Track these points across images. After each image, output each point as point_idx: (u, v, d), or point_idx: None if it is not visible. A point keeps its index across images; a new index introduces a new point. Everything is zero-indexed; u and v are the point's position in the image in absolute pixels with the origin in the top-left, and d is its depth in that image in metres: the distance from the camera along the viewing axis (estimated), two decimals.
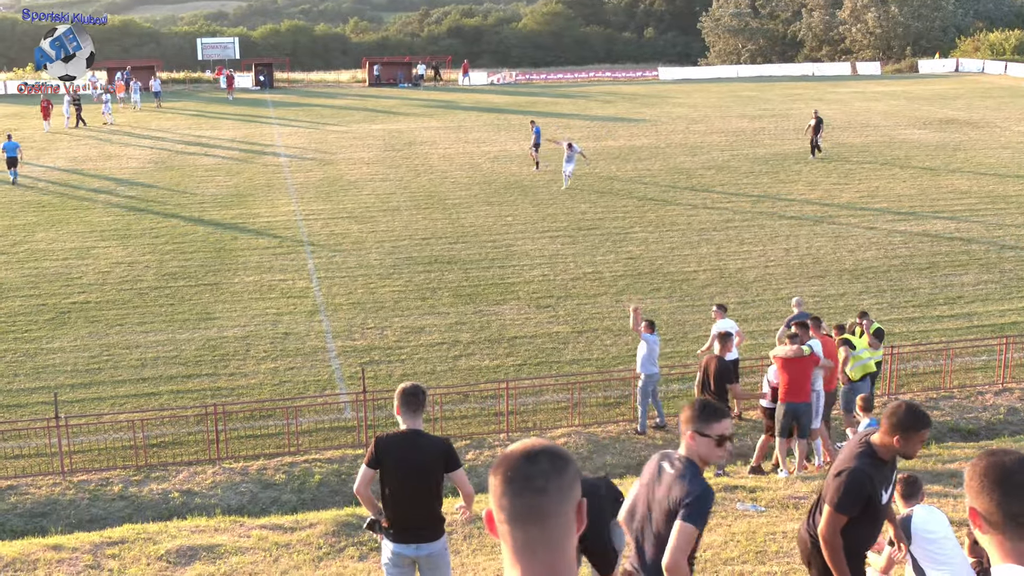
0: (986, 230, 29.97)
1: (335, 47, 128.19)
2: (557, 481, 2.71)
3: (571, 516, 2.73)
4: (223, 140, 48.46)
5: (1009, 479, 3.18)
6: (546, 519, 2.69)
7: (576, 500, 2.75)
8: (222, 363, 20.54)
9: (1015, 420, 17.97)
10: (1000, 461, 3.21)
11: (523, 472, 2.71)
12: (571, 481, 2.74)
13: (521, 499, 2.69)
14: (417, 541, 7.85)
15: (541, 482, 2.70)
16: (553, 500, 2.70)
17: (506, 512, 2.71)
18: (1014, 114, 55.48)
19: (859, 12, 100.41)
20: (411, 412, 7.76)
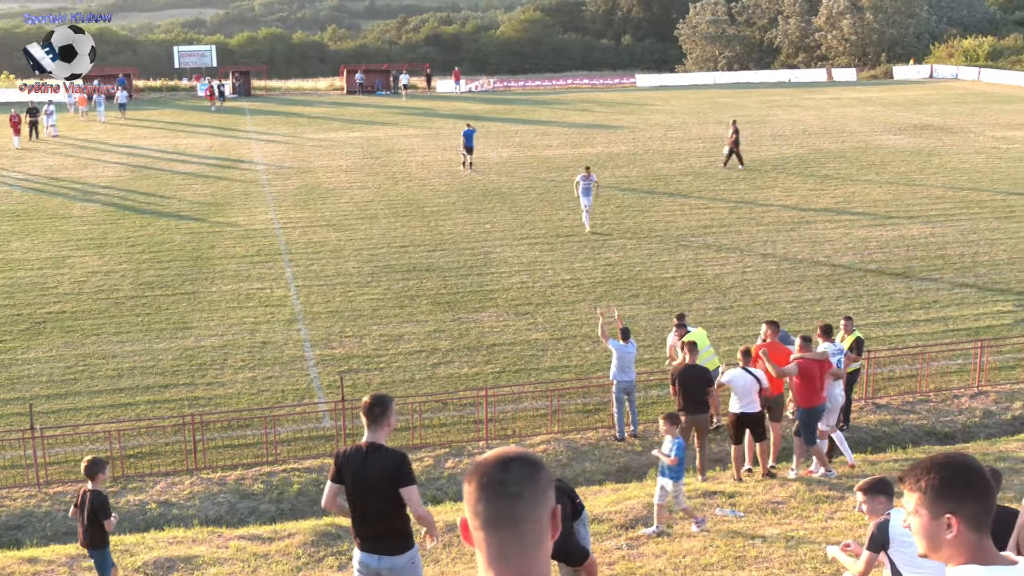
0: (960, 235, 30.17)
1: (313, 55, 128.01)
2: (531, 487, 2.74)
3: (545, 522, 2.76)
4: (200, 148, 48.29)
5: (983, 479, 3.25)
6: (520, 524, 2.72)
7: (550, 506, 2.78)
8: (199, 373, 20.46)
9: (990, 423, 18.09)
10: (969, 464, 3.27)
11: (497, 478, 2.74)
12: (544, 487, 2.78)
13: (495, 504, 2.72)
14: (379, 553, 7.79)
15: (515, 488, 2.73)
16: (527, 505, 2.73)
17: (481, 518, 2.74)
18: (988, 120, 55.91)
19: (834, 19, 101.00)
20: (371, 425, 7.67)
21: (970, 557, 3.19)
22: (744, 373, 14.82)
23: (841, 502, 13.18)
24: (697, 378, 15.01)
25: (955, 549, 3.22)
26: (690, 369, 15.13)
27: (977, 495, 3.21)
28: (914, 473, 3.30)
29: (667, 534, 12.52)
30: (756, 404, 14.86)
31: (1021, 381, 19.54)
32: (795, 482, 14.29)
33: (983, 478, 3.24)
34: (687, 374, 15.03)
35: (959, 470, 3.24)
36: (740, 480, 14.86)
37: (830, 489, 13.85)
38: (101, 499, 11.05)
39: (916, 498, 3.26)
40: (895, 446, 17.03)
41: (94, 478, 11.13)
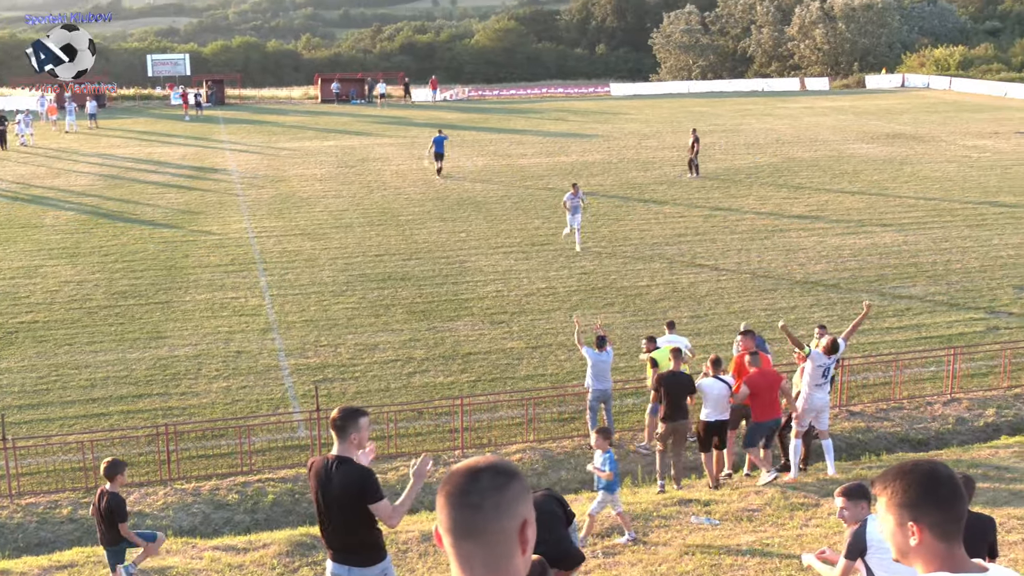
0: (933, 243, 30.40)
1: (287, 63, 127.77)
2: (494, 498, 2.73)
3: (511, 534, 2.74)
4: (173, 157, 48.10)
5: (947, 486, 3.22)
6: (481, 535, 2.72)
7: (519, 519, 2.75)
8: (173, 382, 20.34)
9: (963, 430, 18.21)
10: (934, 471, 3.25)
11: (462, 488, 2.74)
12: (512, 499, 2.75)
13: (457, 513, 2.73)
14: (350, 564, 7.74)
15: (476, 498, 2.72)
16: (488, 517, 2.71)
17: (445, 526, 2.75)
18: (959, 128, 56.39)
19: (807, 29, 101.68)
20: (338, 438, 7.59)
21: (939, 565, 3.18)
22: (716, 381, 14.90)
23: (816, 509, 13.23)
24: (681, 385, 15.04)
25: (922, 556, 3.22)
26: (675, 376, 15.15)
27: (940, 503, 3.19)
28: (883, 479, 3.31)
29: (642, 542, 12.53)
30: (727, 413, 14.96)
31: (993, 388, 19.68)
32: (770, 490, 14.33)
33: (949, 486, 3.21)
34: (672, 381, 15.06)
35: (923, 478, 3.22)
36: (717, 486, 14.92)
37: (805, 496, 13.90)
38: (117, 501, 11.15)
39: (883, 504, 3.28)
40: (869, 453, 17.12)
41: (113, 479, 11.23)
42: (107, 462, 11.40)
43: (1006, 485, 13.94)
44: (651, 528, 13.06)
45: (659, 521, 13.05)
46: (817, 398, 15.28)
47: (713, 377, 14.94)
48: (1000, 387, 19.67)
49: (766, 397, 14.84)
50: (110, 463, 11.33)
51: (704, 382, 15.00)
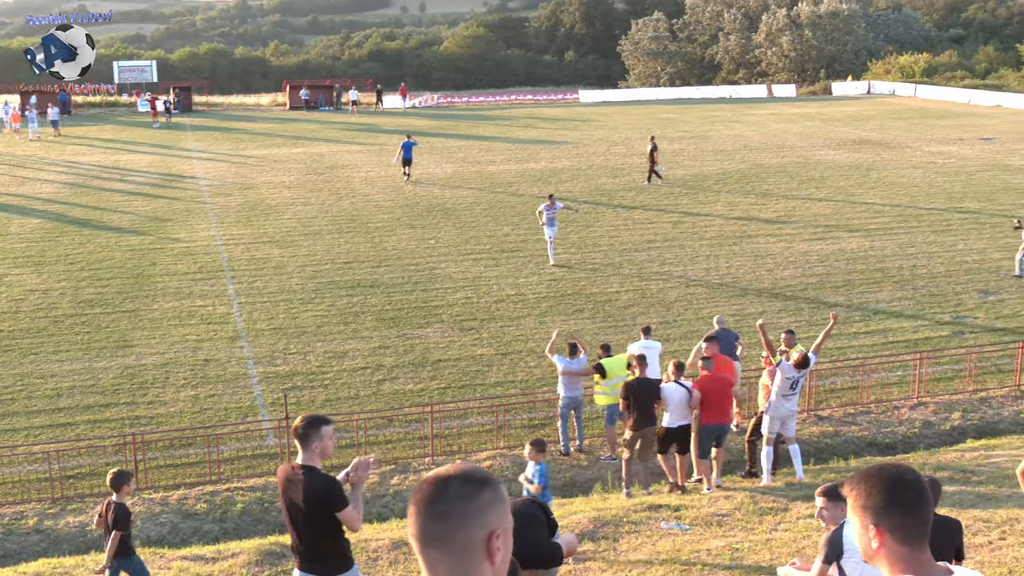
0: (899, 248, 30.65)
1: (255, 70, 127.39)
2: (460, 508, 2.72)
3: (478, 544, 2.72)
4: (140, 164, 47.79)
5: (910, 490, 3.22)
6: (445, 544, 2.71)
7: (487, 528, 2.73)
8: (140, 391, 20.19)
9: (930, 433, 18.36)
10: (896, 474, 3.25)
11: (429, 496, 2.74)
12: (480, 509, 2.74)
13: (424, 521, 2.73)
14: (316, 573, 7.70)
15: (441, 507, 2.72)
16: (452, 526, 2.71)
17: (413, 533, 2.76)
18: (924, 135, 56.92)
19: (774, 36, 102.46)
20: (301, 446, 7.55)
21: (903, 568, 3.18)
22: (678, 387, 14.98)
23: (785, 514, 13.29)
24: (648, 392, 15.07)
25: (886, 560, 3.22)
26: (642, 383, 15.19)
27: (902, 508, 3.19)
28: (851, 482, 3.32)
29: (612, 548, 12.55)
30: (688, 418, 15.01)
31: (959, 392, 19.85)
32: (739, 495, 14.39)
33: (913, 490, 3.21)
34: (639, 388, 15.10)
35: (887, 481, 3.23)
36: (682, 489, 15.01)
37: (774, 501, 13.96)
38: (122, 512, 11.13)
39: (850, 506, 3.29)
40: (837, 457, 17.22)
41: (119, 490, 11.23)
42: (113, 473, 11.42)
43: (972, 488, 14.05)
44: (621, 534, 13.06)
45: (629, 527, 13.07)
46: (784, 408, 15.37)
47: (675, 382, 15.00)
48: (966, 391, 19.84)
49: (715, 401, 14.95)
50: (116, 474, 11.37)
51: (666, 387, 15.04)
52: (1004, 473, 14.70)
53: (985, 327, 23.56)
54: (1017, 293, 26.07)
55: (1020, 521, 11.47)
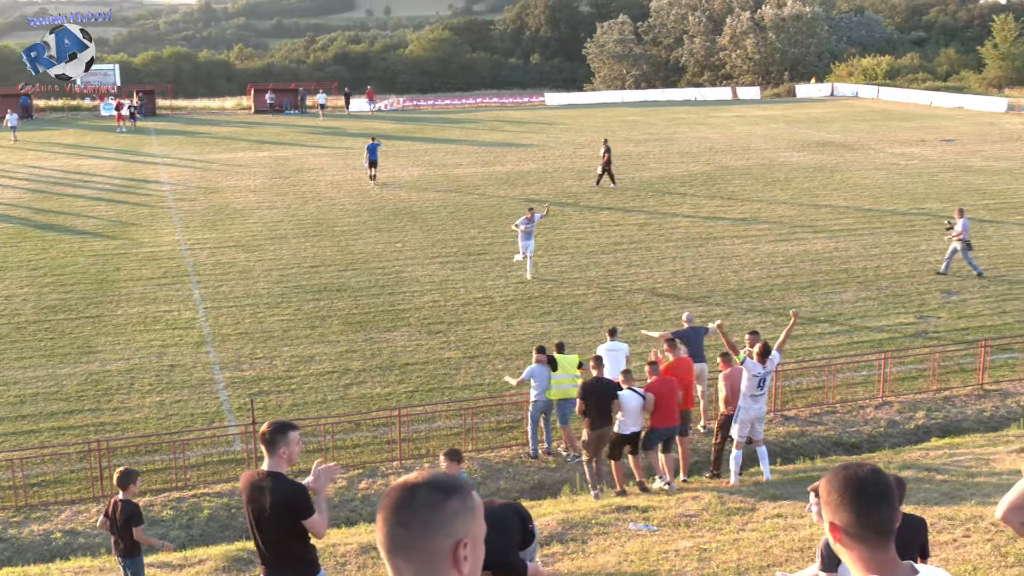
0: (863, 249, 30.90)
1: (219, 74, 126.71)
2: (424, 516, 2.70)
3: (443, 553, 2.71)
4: (103, 169, 47.42)
5: (866, 490, 3.18)
6: (410, 552, 2.70)
7: (453, 538, 2.72)
8: (105, 398, 20.02)
9: (895, 432, 18.51)
10: (855, 473, 3.22)
11: (394, 503, 2.73)
12: (446, 518, 2.72)
13: (388, 529, 2.72)
14: None
15: (406, 515, 2.70)
16: (416, 535, 2.70)
17: (379, 540, 2.75)
18: (887, 136, 57.43)
19: (738, 38, 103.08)
20: (268, 452, 7.51)
21: (867, 567, 3.18)
22: (632, 394, 15.14)
23: (752, 514, 13.36)
24: (604, 393, 15.18)
25: (849, 559, 3.22)
26: (598, 383, 15.30)
27: (856, 506, 3.18)
28: (822, 481, 3.34)
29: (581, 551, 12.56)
30: (640, 424, 15.22)
31: (923, 391, 20.03)
32: (707, 495, 14.45)
33: (870, 489, 3.19)
34: (595, 388, 15.20)
35: (843, 480, 3.22)
36: (623, 493, 15.14)
37: (741, 501, 14.04)
38: (132, 507, 11.21)
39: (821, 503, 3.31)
40: (804, 457, 17.33)
41: (126, 488, 11.28)
42: (120, 472, 11.48)
43: (936, 486, 14.19)
44: (590, 536, 13.09)
45: (598, 528, 13.10)
46: (754, 409, 15.48)
47: (628, 389, 15.18)
48: (929, 390, 20.02)
49: (664, 403, 15.14)
50: (123, 472, 11.43)
51: (622, 395, 15.19)
52: (967, 471, 14.85)
53: (948, 327, 23.79)
54: (979, 293, 26.36)
55: (984, 518, 11.59)
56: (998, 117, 68.57)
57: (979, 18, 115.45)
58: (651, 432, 15.36)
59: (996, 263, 29.14)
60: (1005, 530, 10.95)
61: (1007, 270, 28.46)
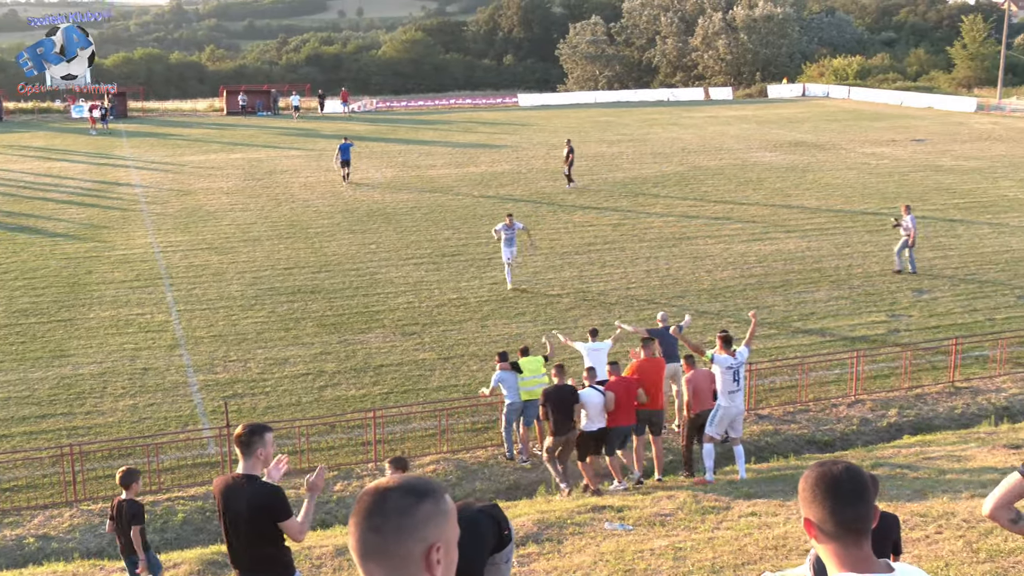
0: (835, 248, 31.10)
1: (191, 75, 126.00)
2: (396, 521, 2.70)
3: (415, 558, 2.70)
4: (75, 171, 47.12)
5: (839, 487, 3.19)
6: (381, 557, 2.70)
7: (426, 542, 2.72)
8: (78, 402, 19.90)
9: (867, 430, 18.64)
10: (829, 471, 3.23)
11: (368, 508, 2.72)
12: (418, 522, 2.72)
13: (360, 534, 2.72)
14: None
15: (378, 520, 2.70)
16: (388, 540, 2.69)
17: (351, 545, 2.74)
18: (858, 136, 57.82)
19: (710, 39, 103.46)
20: (244, 455, 7.51)
21: (842, 564, 3.19)
22: (594, 392, 15.36)
23: (727, 512, 13.43)
24: (565, 399, 15.36)
25: (826, 555, 3.23)
26: (559, 390, 15.47)
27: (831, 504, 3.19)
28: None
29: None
30: (603, 421, 15.40)
31: (895, 389, 20.18)
32: (682, 494, 14.52)
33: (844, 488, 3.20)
34: (556, 395, 15.38)
35: (817, 477, 3.24)
36: (598, 492, 15.25)
37: (716, 500, 14.11)
38: (136, 507, 11.32)
39: None
40: (778, 455, 17.43)
41: (128, 487, 11.40)
42: (122, 471, 11.55)
43: (908, 483, 14.30)
44: (565, 536, 13.11)
45: (573, 528, 13.12)
46: (732, 407, 15.58)
47: (590, 387, 15.40)
48: (901, 388, 20.18)
49: (621, 403, 15.41)
50: (125, 472, 11.52)
51: (583, 393, 15.37)
52: (939, 468, 14.99)
53: (920, 325, 23.98)
54: (950, 291, 26.58)
55: (956, 515, 11.69)
56: (967, 117, 69.17)
57: (948, 19, 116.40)
58: (609, 432, 15.58)
59: (966, 262, 29.40)
60: (977, 526, 11.06)
61: (977, 268, 28.71)
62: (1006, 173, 44.76)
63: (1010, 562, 9.80)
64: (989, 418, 18.71)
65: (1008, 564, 9.75)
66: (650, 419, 16.08)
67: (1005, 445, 15.83)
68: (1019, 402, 19.67)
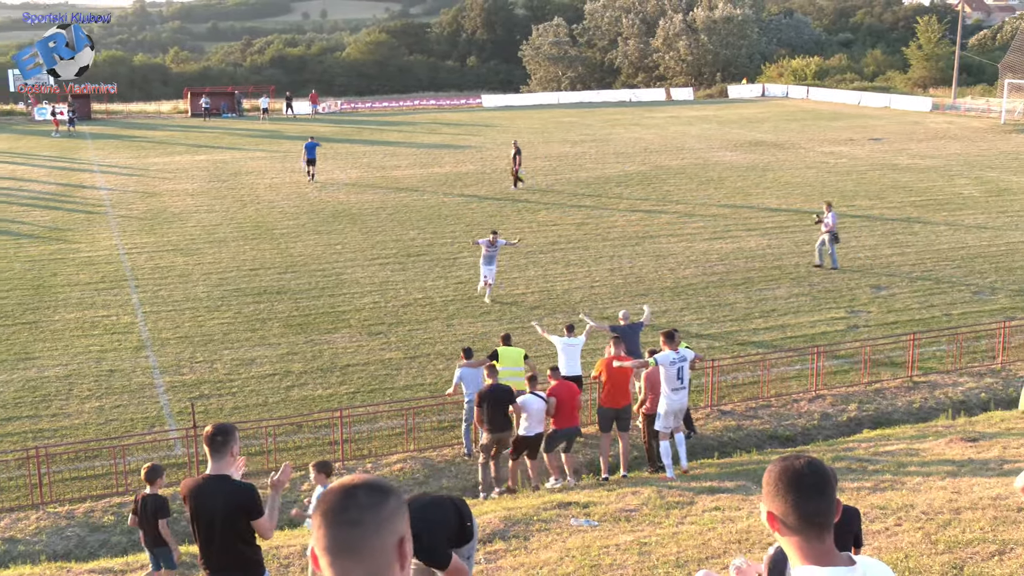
0: (795, 246, 31.47)
1: (155, 77, 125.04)
2: (373, 514, 2.75)
3: (389, 551, 2.77)
4: (38, 174, 46.75)
5: (801, 481, 3.23)
6: (361, 552, 2.72)
7: (397, 535, 2.79)
8: (43, 404, 19.85)
9: (828, 425, 18.93)
10: (792, 465, 3.26)
11: (339, 505, 2.75)
12: (389, 515, 2.78)
13: (336, 532, 2.73)
14: None
15: (355, 514, 2.73)
16: (368, 533, 2.73)
17: (323, 545, 2.74)
18: (816, 136, 58.39)
19: (671, 40, 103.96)
20: (214, 455, 7.57)
21: (804, 557, 3.25)
22: (534, 398, 15.64)
23: (691, 507, 13.62)
24: (499, 399, 15.69)
25: (788, 548, 3.30)
26: (494, 390, 15.80)
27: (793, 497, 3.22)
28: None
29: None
30: (542, 426, 15.74)
31: (855, 384, 20.50)
32: (646, 490, 14.71)
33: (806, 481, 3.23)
34: (491, 395, 15.70)
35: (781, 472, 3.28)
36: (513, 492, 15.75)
37: (680, 495, 14.31)
38: (160, 500, 11.59)
39: None
40: (740, 450, 17.67)
41: (153, 483, 11.64)
42: (147, 467, 11.84)
43: (868, 476, 14.55)
44: (532, 532, 13.26)
45: (540, 525, 13.27)
46: (675, 401, 15.82)
47: (531, 393, 15.68)
48: (861, 383, 20.50)
49: (566, 407, 15.76)
50: (151, 468, 11.80)
51: (525, 399, 15.64)
52: (898, 462, 15.27)
53: (878, 321, 24.35)
54: (907, 288, 27.00)
55: (915, 507, 11.94)
56: (923, 116, 70.02)
57: (904, 20, 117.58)
58: (554, 433, 15.94)
59: (923, 258, 29.86)
60: (935, 518, 11.31)
61: (933, 265, 29.17)
62: (961, 171, 45.42)
63: (968, 552, 10.03)
64: (946, 411, 19.04)
65: (966, 555, 9.97)
66: (617, 416, 16.34)
67: (962, 438, 16.13)
68: (975, 396, 20.04)
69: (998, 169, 46.21)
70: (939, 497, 12.18)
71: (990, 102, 73.69)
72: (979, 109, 72.45)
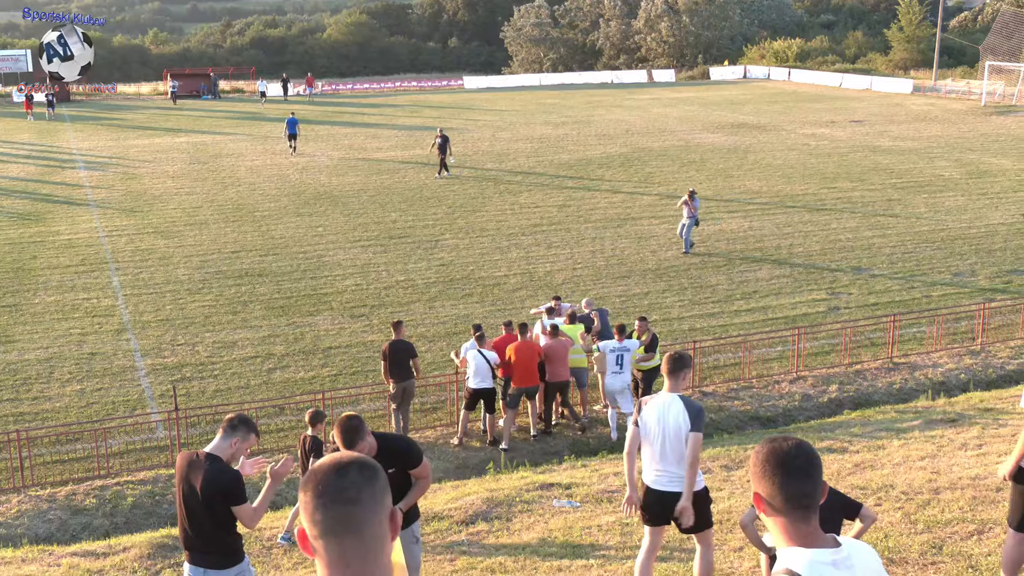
0: (776, 228, 31.56)
1: (135, 59, 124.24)
2: (369, 490, 2.74)
3: (384, 525, 2.77)
4: (18, 157, 46.43)
5: (788, 463, 3.25)
6: (360, 529, 2.71)
7: (388, 508, 2.79)
8: (24, 387, 19.77)
9: (809, 406, 19.03)
10: (779, 447, 3.30)
11: (334, 484, 2.72)
12: (381, 490, 2.77)
13: (334, 511, 2.70)
14: (205, 566, 7.69)
15: (353, 492, 2.71)
16: (366, 509, 2.72)
17: (319, 526, 2.71)
18: (798, 118, 58.50)
19: (653, 22, 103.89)
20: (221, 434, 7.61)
21: (789, 538, 3.27)
22: (477, 355, 17.07)
23: None
24: (399, 351, 17.19)
25: (774, 529, 3.32)
26: (396, 344, 17.28)
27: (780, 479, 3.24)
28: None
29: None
30: (490, 382, 17.19)
31: (836, 366, 20.60)
32: None
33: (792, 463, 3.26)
34: (392, 348, 17.21)
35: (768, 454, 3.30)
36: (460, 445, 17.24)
37: None
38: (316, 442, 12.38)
39: None
40: (721, 432, 17.76)
41: (315, 426, 12.59)
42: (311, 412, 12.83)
43: (849, 457, 14.65)
44: (514, 514, 13.30)
45: (522, 506, 13.31)
46: (610, 383, 17.48)
47: (477, 351, 17.10)
48: (842, 364, 20.60)
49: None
50: (314, 412, 12.78)
51: (470, 355, 17.18)
52: (878, 442, 15.36)
53: (859, 303, 24.47)
54: (888, 269, 27.12)
55: (895, 488, 12.02)
56: (904, 98, 70.22)
57: (885, 2, 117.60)
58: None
59: (904, 240, 30.00)
60: (914, 498, 11.39)
61: (914, 247, 29.30)
62: (941, 153, 45.59)
63: (947, 532, 10.11)
64: (926, 393, 19.15)
65: (945, 534, 10.05)
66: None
67: (942, 419, 16.25)
68: (955, 377, 20.17)
69: (978, 151, 46.42)
70: (919, 477, 12.26)
71: (971, 84, 73.95)
72: (960, 91, 72.71)
